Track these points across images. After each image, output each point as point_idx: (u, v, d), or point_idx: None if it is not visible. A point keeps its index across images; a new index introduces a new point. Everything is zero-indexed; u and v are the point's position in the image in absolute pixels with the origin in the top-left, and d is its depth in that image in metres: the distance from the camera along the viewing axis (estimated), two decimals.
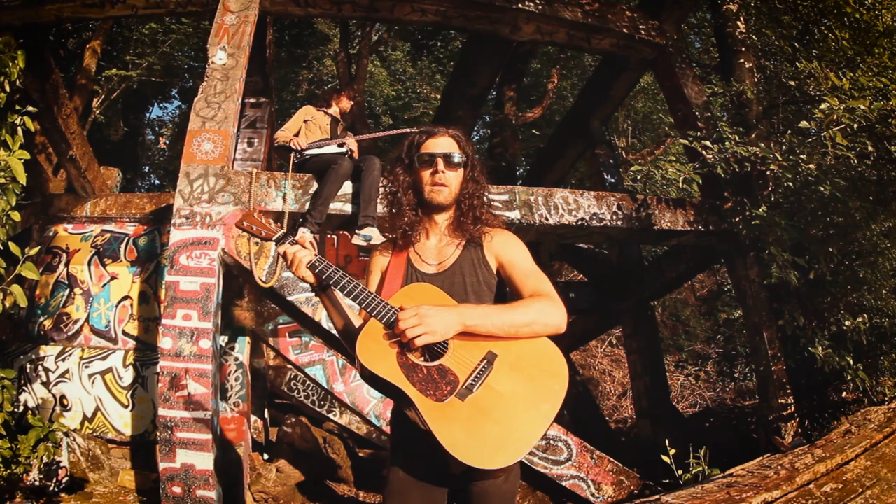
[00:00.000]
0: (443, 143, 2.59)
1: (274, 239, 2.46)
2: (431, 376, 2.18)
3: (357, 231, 5.75)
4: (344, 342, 2.54)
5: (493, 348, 2.22)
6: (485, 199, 2.68)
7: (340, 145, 6.39)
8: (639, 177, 9.42)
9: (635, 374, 9.48)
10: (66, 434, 6.58)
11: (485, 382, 2.17)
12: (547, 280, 2.46)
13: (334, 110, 6.83)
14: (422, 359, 2.22)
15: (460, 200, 2.60)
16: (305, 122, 6.53)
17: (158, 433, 5.21)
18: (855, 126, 5.54)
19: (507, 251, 2.56)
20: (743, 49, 7.76)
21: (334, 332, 2.47)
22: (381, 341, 2.22)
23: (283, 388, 9.85)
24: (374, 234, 5.66)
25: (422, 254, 2.58)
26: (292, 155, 6.18)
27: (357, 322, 2.50)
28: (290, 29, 16.86)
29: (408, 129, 6.41)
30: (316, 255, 2.40)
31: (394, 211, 2.65)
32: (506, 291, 2.56)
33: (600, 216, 6.51)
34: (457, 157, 2.57)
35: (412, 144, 2.64)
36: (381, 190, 5.66)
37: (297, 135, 6.44)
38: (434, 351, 2.24)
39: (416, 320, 2.12)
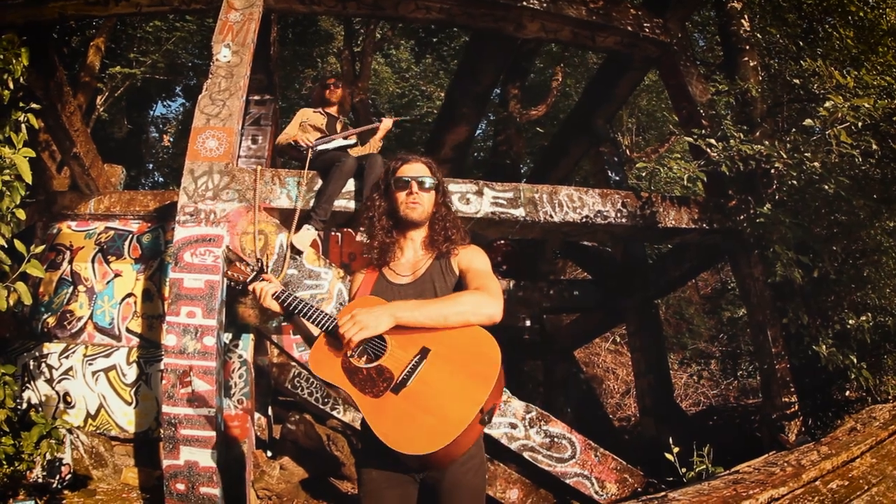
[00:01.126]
0: (417, 169, 2.86)
1: (248, 281, 2.91)
2: (370, 376, 2.40)
3: (361, 229, 5.75)
4: None
5: (427, 343, 2.41)
6: (458, 222, 2.91)
7: (344, 138, 6.38)
8: (643, 174, 9.42)
9: (639, 372, 9.47)
10: (70, 431, 6.59)
11: (417, 376, 2.35)
12: (494, 280, 2.66)
13: (331, 107, 6.79)
14: (363, 362, 2.44)
15: (433, 221, 2.86)
16: (301, 124, 6.51)
17: (162, 430, 5.22)
18: (859, 124, 5.52)
19: (469, 260, 2.78)
20: (747, 47, 7.74)
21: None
22: (328, 351, 2.52)
23: (287, 385, 9.84)
24: None
25: (396, 269, 2.83)
26: (307, 151, 6.16)
27: None
28: (294, 27, 16.83)
29: (407, 118, 6.42)
30: (280, 288, 2.82)
31: (369, 233, 2.91)
32: None
33: (605, 214, 6.50)
34: (429, 183, 2.84)
35: (388, 170, 2.92)
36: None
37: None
38: (375, 354, 2.45)
39: (350, 322, 2.35)
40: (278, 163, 9.81)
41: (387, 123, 6.63)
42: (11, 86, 5.32)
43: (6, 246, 4.62)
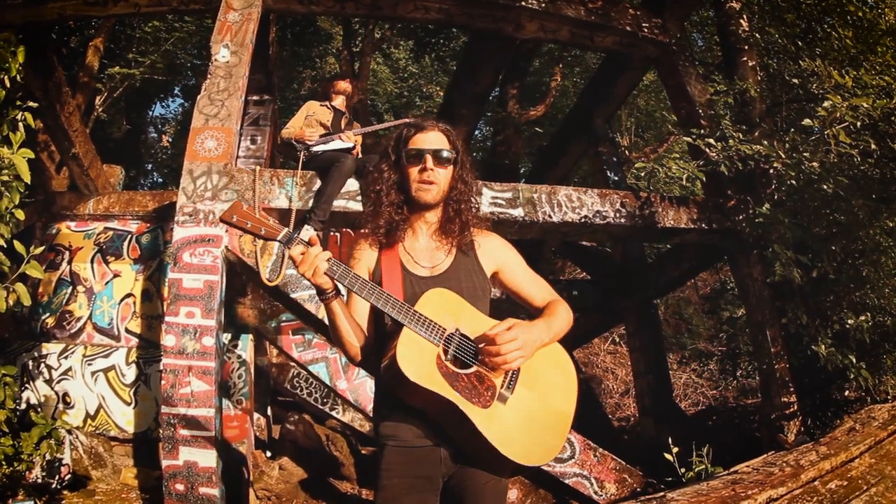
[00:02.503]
0: (432, 139, 2.47)
1: (278, 239, 2.25)
2: (472, 384, 2.19)
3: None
4: (345, 352, 2.40)
5: None
6: (472, 201, 2.57)
7: (344, 139, 6.37)
8: (642, 174, 9.41)
9: (638, 372, 9.47)
10: (69, 431, 6.59)
11: (518, 385, 2.23)
12: (545, 282, 2.55)
13: (338, 102, 6.77)
14: (455, 366, 2.21)
15: (448, 203, 2.51)
16: (307, 117, 6.50)
17: (161, 430, 5.22)
18: (858, 124, 5.52)
19: (500, 257, 2.55)
20: (746, 47, 7.74)
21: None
22: (421, 353, 2.18)
23: (286, 385, 9.85)
24: None
25: (412, 254, 2.49)
26: (301, 153, 6.17)
27: (358, 333, 2.40)
28: (293, 27, 16.83)
29: (407, 120, 6.42)
30: (332, 258, 2.23)
31: (373, 209, 2.52)
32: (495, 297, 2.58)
33: (604, 214, 6.50)
34: (446, 154, 2.46)
35: (400, 139, 2.53)
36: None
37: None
38: (465, 360, 2.23)
39: (516, 345, 2.13)
40: (277, 163, 9.81)
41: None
42: (8, 84, 5.30)
43: (5, 246, 4.62)
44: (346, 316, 2.34)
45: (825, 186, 5.84)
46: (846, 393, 6.71)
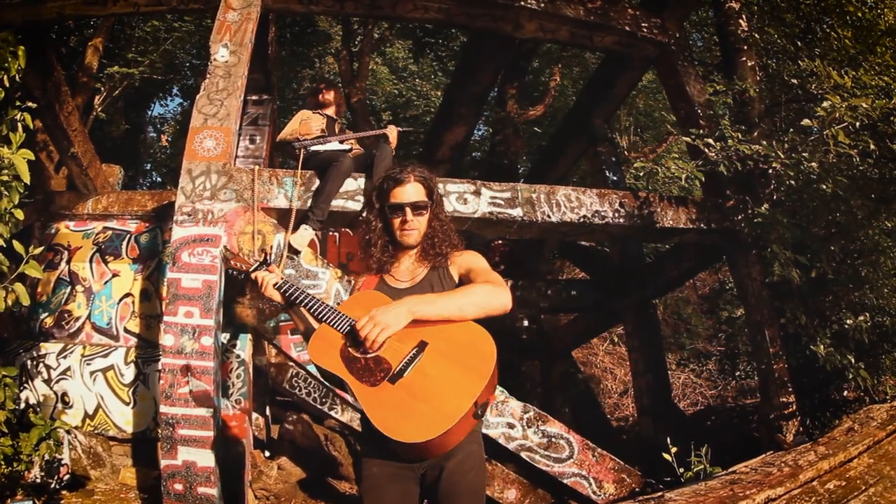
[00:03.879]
0: (409, 192, 2.82)
1: (251, 270, 2.90)
2: (368, 366, 2.43)
3: (359, 242, 5.72)
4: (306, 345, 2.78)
5: (425, 337, 2.46)
6: (446, 232, 2.91)
7: (342, 142, 6.38)
8: (641, 174, 9.42)
9: (637, 372, 9.48)
10: (68, 431, 6.59)
11: (415, 367, 2.39)
12: (496, 275, 2.71)
13: (330, 110, 6.79)
14: (360, 352, 2.46)
15: (425, 238, 2.86)
16: (302, 122, 6.51)
17: (160, 430, 5.21)
18: (857, 124, 5.52)
19: (467, 262, 2.83)
20: (745, 47, 7.76)
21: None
22: (328, 341, 2.56)
23: (285, 385, 9.83)
24: None
25: (395, 275, 2.88)
26: (300, 151, 6.17)
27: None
28: (292, 27, 16.82)
29: (384, 131, 6.46)
30: (282, 278, 2.84)
31: (365, 253, 2.94)
32: None
33: (602, 214, 6.51)
34: (423, 204, 2.84)
35: (381, 191, 2.89)
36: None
37: None
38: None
39: (371, 324, 2.38)
40: (276, 163, 9.80)
41: (392, 132, 6.55)
42: (7, 84, 5.29)
43: (4, 246, 4.62)
44: (305, 319, 2.90)
45: (824, 186, 5.84)
46: (845, 393, 6.71)
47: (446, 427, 2.22)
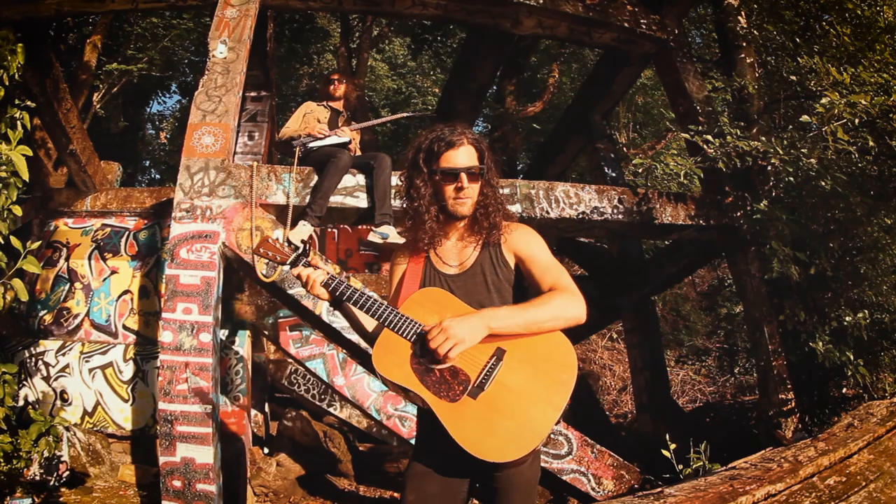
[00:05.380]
0: (464, 156, 2.52)
1: (288, 262, 2.58)
2: (444, 378, 2.23)
3: (374, 229, 5.72)
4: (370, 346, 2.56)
5: (502, 345, 2.26)
6: (499, 201, 2.63)
7: (339, 134, 6.36)
8: (640, 170, 9.41)
9: (636, 368, 9.48)
10: (67, 429, 6.59)
11: (495, 379, 2.21)
12: (565, 272, 2.46)
13: (336, 102, 6.77)
14: (431, 360, 2.25)
15: (477, 208, 2.57)
16: (305, 115, 6.49)
17: (159, 427, 5.21)
18: (856, 121, 5.52)
19: (524, 246, 2.56)
20: (744, 44, 7.74)
21: (344, 333, 2.59)
22: (395, 350, 2.30)
23: (284, 381, 9.85)
24: (391, 233, 5.63)
25: (442, 255, 2.61)
26: (297, 148, 6.16)
27: (371, 327, 2.62)
28: (291, 23, 16.82)
29: (407, 114, 6.41)
30: (329, 275, 2.50)
31: (414, 223, 2.62)
32: (525, 286, 2.58)
33: (601, 210, 6.50)
34: (477, 170, 2.53)
35: (431, 154, 2.55)
36: (400, 204, 5.66)
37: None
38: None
39: (443, 335, 2.17)
40: (275, 159, 9.80)
41: (354, 136, 6.51)
42: (7, 82, 5.29)
43: (3, 243, 4.62)
44: (355, 318, 2.64)
45: (823, 183, 5.84)
46: (844, 390, 6.71)
47: (535, 444, 2.14)
